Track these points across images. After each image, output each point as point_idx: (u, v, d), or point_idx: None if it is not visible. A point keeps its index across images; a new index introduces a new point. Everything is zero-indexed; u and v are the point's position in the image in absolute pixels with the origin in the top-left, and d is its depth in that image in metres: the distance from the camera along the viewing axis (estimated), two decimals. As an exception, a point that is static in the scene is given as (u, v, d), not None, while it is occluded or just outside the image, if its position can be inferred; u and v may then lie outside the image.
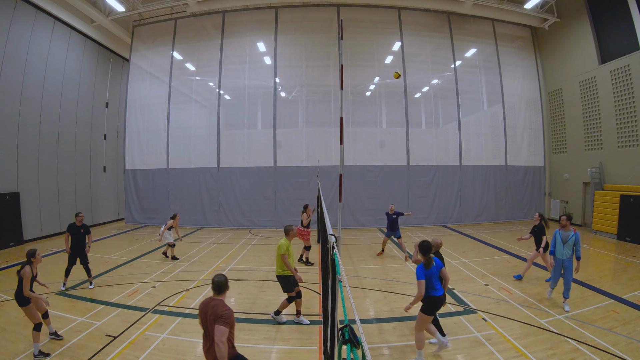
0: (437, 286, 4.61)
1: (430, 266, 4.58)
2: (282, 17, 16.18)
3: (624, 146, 13.16)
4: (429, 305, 4.60)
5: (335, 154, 15.33)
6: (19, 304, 4.85)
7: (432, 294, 4.58)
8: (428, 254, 4.61)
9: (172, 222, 9.89)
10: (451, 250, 10.87)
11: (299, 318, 5.94)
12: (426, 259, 4.59)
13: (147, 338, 5.32)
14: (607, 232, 12.91)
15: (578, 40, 15.08)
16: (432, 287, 4.58)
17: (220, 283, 3.62)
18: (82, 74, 15.71)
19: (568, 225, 6.24)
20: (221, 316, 3.32)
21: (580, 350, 4.83)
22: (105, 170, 17.54)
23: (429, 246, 4.65)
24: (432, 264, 4.61)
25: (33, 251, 5.09)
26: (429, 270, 4.56)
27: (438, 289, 4.60)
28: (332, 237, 3.21)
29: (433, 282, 4.59)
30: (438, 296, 4.60)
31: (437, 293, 4.60)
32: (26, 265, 4.91)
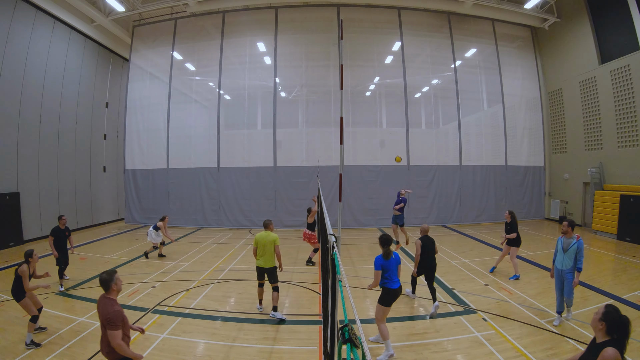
0: (395, 279, 4.85)
1: (389, 258, 4.84)
2: (282, 17, 16.18)
3: (624, 146, 13.16)
4: (385, 297, 4.84)
5: (335, 154, 15.33)
6: (15, 299, 5.25)
7: (388, 286, 4.82)
8: (387, 247, 4.88)
9: (162, 223, 9.98)
10: (451, 250, 10.87)
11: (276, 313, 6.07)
12: (385, 250, 4.86)
13: (147, 338, 5.32)
14: (607, 232, 12.90)
15: (578, 40, 15.08)
16: (389, 279, 4.82)
17: (103, 280, 3.43)
18: (82, 74, 15.71)
19: (570, 232, 5.62)
20: (109, 319, 3.23)
21: (580, 350, 4.82)
22: (105, 170, 17.54)
23: (388, 239, 4.95)
24: (390, 255, 4.86)
25: (30, 251, 5.50)
26: (387, 262, 4.81)
27: (395, 281, 4.84)
28: (332, 237, 3.21)
29: (390, 275, 4.83)
30: (394, 289, 4.83)
31: (394, 285, 4.83)
32: (24, 264, 5.31)
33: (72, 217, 15.04)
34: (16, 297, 5.21)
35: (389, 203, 15.45)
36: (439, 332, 5.50)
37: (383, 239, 4.97)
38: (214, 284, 7.98)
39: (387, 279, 4.83)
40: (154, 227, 10.06)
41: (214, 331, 5.62)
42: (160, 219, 10.17)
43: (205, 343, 5.26)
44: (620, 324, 2.63)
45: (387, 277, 4.83)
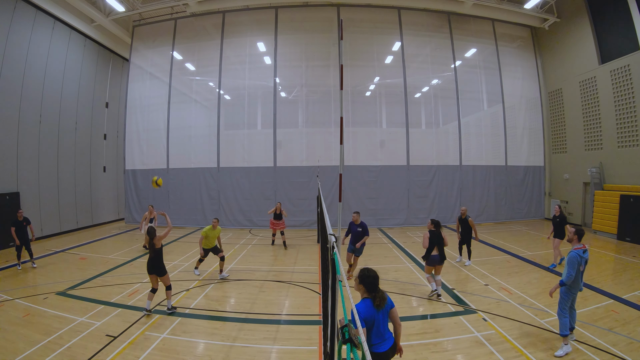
0: (385, 335, 3.18)
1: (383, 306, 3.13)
2: (282, 17, 16.18)
3: (624, 146, 13.16)
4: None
5: (335, 154, 15.33)
6: (160, 274, 6.23)
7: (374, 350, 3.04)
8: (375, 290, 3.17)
9: (147, 213, 10.64)
10: (451, 250, 10.86)
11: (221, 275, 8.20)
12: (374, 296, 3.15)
13: (147, 338, 5.32)
14: (607, 232, 12.91)
15: (578, 40, 15.08)
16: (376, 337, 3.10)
17: None
18: (82, 74, 15.71)
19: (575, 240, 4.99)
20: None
21: (580, 350, 4.83)
22: (105, 170, 17.54)
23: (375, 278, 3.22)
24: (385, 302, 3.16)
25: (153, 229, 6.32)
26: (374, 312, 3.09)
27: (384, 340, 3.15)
28: (332, 237, 3.21)
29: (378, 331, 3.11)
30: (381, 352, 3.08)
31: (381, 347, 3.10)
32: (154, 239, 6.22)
33: (72, 217, 15.05)
34: (160, 272, 6.20)
35: (389, 203, 15.54)
36: (439, 332, 5.50)
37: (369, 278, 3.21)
38: (214, 284, 7.98)
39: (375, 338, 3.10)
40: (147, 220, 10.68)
41: (214, 331, 5.62)
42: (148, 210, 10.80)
43: (205, 343, 5.26)
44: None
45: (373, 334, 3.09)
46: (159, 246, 6.20)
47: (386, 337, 3.18)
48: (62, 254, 10.89)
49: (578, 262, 4.74)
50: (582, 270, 4.83)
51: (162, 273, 6.23)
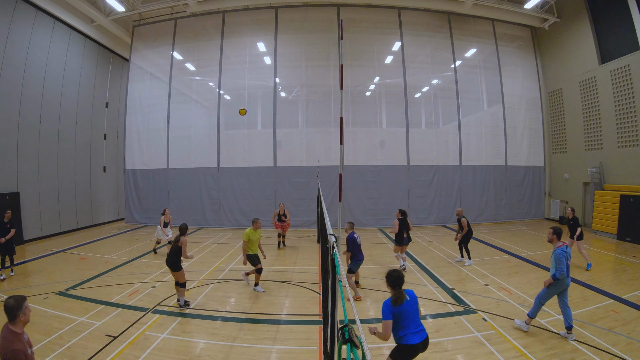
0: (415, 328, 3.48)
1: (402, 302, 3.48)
2: (282, 17, 16.18)
3: (624, 146, 13.16)
4: (399, 354, 3.52)
5: (335, 154, 15.33)
6: (174, 269, 6.33)
7: (405, 341, 3.42)
8: (398, 288, 3.53)
9: (163, 217, 10.36)
10: (451, 250, 10.87)
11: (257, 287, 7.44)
12: (395, 293, 3.52)
13: (147, 338, 5.33)
14: (607, 232, 12.91)
15: (578, 40, 15.08)
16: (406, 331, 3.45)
17: (10, 307, 2.78)
18: (82, 74, 15.72)
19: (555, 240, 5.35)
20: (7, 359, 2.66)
21: (580, 350, 4.83)
22: (105, 170, 17.54)
23: (400, 277, 3.56)
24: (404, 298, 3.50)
25: (185, 225, 6.63)
26: (400, 307, 3.47)
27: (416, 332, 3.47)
28: (332, 237, 3.21)
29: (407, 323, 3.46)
30: (413, 344, 3.41)
31: (413, 339, 3.42)
32: (182, 237, 6.35)
33: (72, 217, 15.05)
34: (174, 267, 6.30)
35: (389, 203, 15.52)
36: (439, 332, 5.49)
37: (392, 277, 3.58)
38: (214, 284, 7.98)
39: (404, 331, 3.46)
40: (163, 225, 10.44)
41: (214, 331, 5.62)
42: (162, 214, 10.48)
43: (205, 343, 5.26)
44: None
45: (403, 326, 3.46)
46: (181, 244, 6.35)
47: (413, 329, 3.47)
48: (62, 254, 10.90)
49: (565, 257, 5.07)
50: (569, 265, 5.15)
51: (175, 269, 6.34)
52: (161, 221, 10.38)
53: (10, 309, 2.76)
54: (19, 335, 2.77)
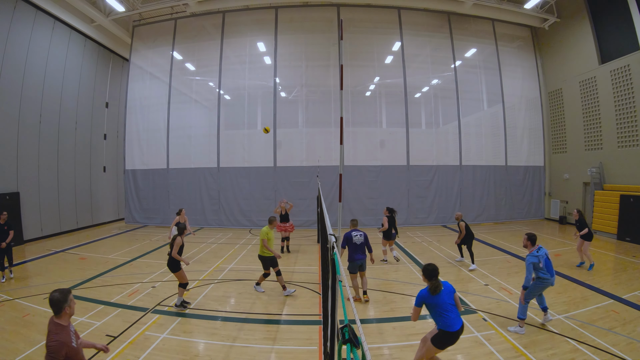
0: (452, 314, 3.86)
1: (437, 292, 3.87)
2: (282, 17, 16.18)
3: (624, 146, 13.16)
4: (440, 339, 3.92)
5: (335, 154, 15.33)
6: (172, 270, 6.30)
7: (445, 328, 3.84)
8: (434, 279, 3.92)
9: (178, 217, 9.87)
10: (451, 250, 10.87)
11: (286, 291, 7.13)
12: (432, 284, 3.90)
13: (147, 338, 5.32)
14: (607, 232, 12.90)
15: (578, 40, 15.08)
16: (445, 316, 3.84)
17: (55, 300, 2.81)
18: (82, 74, 15.72)
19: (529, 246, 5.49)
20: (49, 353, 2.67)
21: (580, 350, 4.83)
22: (105, 170, 17.55)
23: (435, 270, 3.98)
24: (439, 289, 3.88)
25: (184, 225, 6.53)
26: (435, 297, 3.87)
27: (453, 317, 3.85)
28: (332, 237, 3.21)
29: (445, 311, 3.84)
30: (453, 332, 3.82)
31: (453, 326, 3.82)
32: (179, 236, 6.26)
33: (72, 217, 15.06)
34: (172, 268, 6.29)
35: (389, 203, 15.39)
36: (439, 332, 5.49)
37: (428, 270, 3.99)
38: (214, 284, 7.98)
39: (443, 316, 3.84)
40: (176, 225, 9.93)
41: (214, 331, 5.62)
42: (177, 213, 9.99)
43: (205, 343, 5.26)
44: None
45: (441, 314, 3.86)
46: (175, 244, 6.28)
47: (452, 315, 3.85)
48: (62, 254, 10.90)
49: (534, 264, 5.31)
50: (544, 265, 5.37)
51: (173, 269, 6.32)
52: (176, 221, 9.80)
53: (56, 302, 2.80)
54: (65, 328, 2.82)
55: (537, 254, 5.35)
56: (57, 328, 2.78)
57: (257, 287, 7.44)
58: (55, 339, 2.71)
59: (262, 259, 7.16)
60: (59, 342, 2.71)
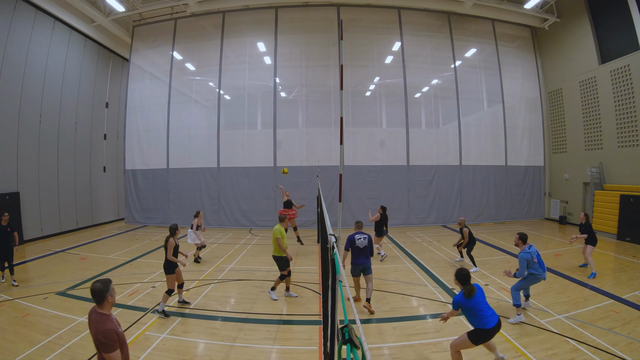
0: (487, 312, 4.09)
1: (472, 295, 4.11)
2: (282, 17, 16.18)
3: (624, 146, 13.16)
4: (477, 336, 4.10)
5: (335, 154, 15.33)
6: (165, 272, 6.15)
7: (481, 326, 4.06)
8: (467, 284, 4.17)
9: (196, 220, 9.67)
10: (451, 250, 10.87)
11: (288, 292, 7.02)
12: (466, 289, 4.16)
13: (147, 338, 5.32)
14: (607, 232, 12.90)
15: (578, 40, 15.08)
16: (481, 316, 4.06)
17: (97, 290, 2.91)
18: (82, 74, 15.72)
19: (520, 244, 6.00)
20: (102, 342, 2.76)
21: (580, 350, 4.83)
22: (105, 170, 17.55)
23: (468, 275, 4.26)
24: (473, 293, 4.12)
25: (175, 225, 6.33)
26: (470, 301, 4.12)
27: (489, 315, 4.07)
28: (332, 237, 3.21)
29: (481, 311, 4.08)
30: (489, 328, 4.03)
31: (489, 323, 4.03)
32: (171, 238, 6.12)
33: (72, 217, 15.06)
34: (166, 270, 6.12)
35: (389, 203, 15.40)
36: (439, 332, 5.50)
37: (461, 275, 4.25)
38: (214, 284, 7.98)
39: (479, 316, 4.06)
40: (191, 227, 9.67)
41: (214, 331, 5.62)
42: (195, 215, 9.77)
43: (205, 343, 5.26)
44: None
45: (477, 315, 4.08)
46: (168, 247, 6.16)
47: (487, 314, 4.08)
48: (62, 254, 10.90)
49: (527, 259, 5.80)
50: (537, 261, 5.89)
51: (166, 271, 6.18)
52: (194, 224, 9.64)
53: (98, 292, 2.89)
54: (108, 317, 2.92)
55: (529, 251, 5.87)
56: (102, 317, 2.88)
57: (271, 292, 6.96)
58: (104, 327, 2.81)
59: (278, 259, 6.77)
60: (109, 330, 2.81)
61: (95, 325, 2.85)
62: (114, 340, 2.80)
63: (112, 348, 2.77)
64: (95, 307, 2.95)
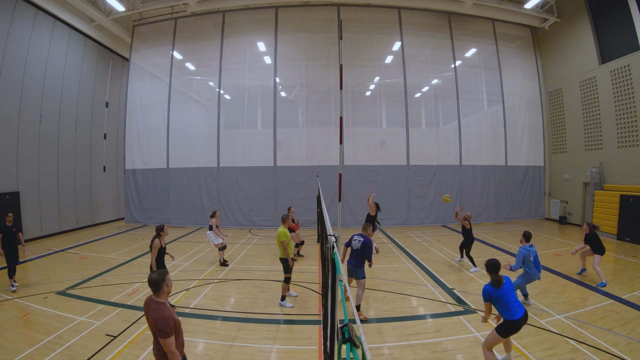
0: (515, 303, 4.15)
1: (500, 285, 4.15)
2: (282, 17, 16.18)
3: (624, 146, 13.16)
4: (505, 327, 4.16)
5: (335, 153, 15.32)
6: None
7: (509, 317, 4.11)
8: (496, 273, 4.23)
9: (214, 220, 9.45)
10: (451, 250, 10.88)
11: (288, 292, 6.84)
12: (494, 278, 4.21)
13: (147, 337, 5.31)
14: (607, 232, 12.88)
15: (578, 40, 15.08)
16: (509, 308, 4.11)
17: (154, 280, 3.15)
18: (82, 73, 15.71)
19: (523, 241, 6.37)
20: (160, 328, 2.97)
21: (580, 350, 4.83)
22: (105, 170, 17.54)
23: (497, 264, 4.30)
24: (502, 282, 4.17)
25: (162, 226, 6.07)
26: (499, 290, 4.16)
27: (516, 306, 4.12)
28: (332, 237, 3.21)
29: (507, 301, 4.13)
30: (517, 319, 4.09)
31: (517, 314, 4.09)
32: (156, 239, 5.89)
33: (72, 217, 15.06)
34: None
35: (389, 203, 15.50)
36: (439, 332, 5.50)
37: (491, 265, 4.32)
38: (214, 283, 7.98)
39: (507, 307, 4.13)
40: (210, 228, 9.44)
41: (213, 331, 5.62)
42: (211, 216, 9.55)
43: (205, 343, 5.26)
44: None
45: (504, 305, 4.14)
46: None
47: (515, 305, 4.12)
48: (62, 254, 10.90)
49: (525, 255, 6.04)
50: (533, 260, 6.09)
51: None
52: (213, 224, 9.40)
53: (155, 282, 3.13)
54: (165, 305, 3.12)
55: (529, 249, 6.12)
56: (159, 305, 3.09)
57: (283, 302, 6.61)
58: (162, 315, 3.01)
59: (285, 261, 6.51)
60: (167, 317, 3.02)
61: (153, 313, 3.04)
62: (171, 327, 3.00)
63: (168, 334, 2.97)
64: (152, 296, 3.16)
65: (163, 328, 2.96)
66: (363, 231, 6.43)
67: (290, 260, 6.43)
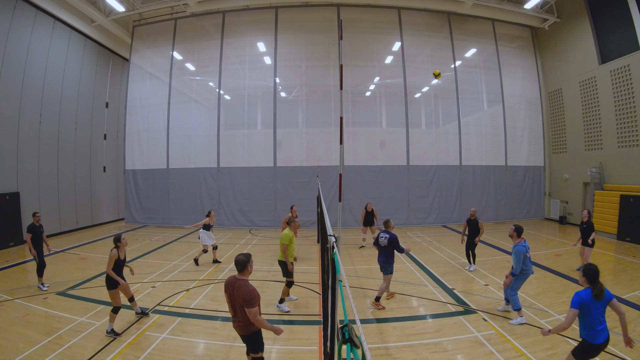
0: (600, 326, 3.48)
1: (601, 297, 3.47)
2: (282, 17, 16.18)
3: (624, 146, 13.16)
4: (583, 351, 3.60)
5: (335, 154, 15.33)
6: (107, 287, 5.57)
7: (590, 339, 3.50)
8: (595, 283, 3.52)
9: (208, 219, 9.50)
10: (451, 250, 10.87)
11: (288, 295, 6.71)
12: (595, 287, 3.50)
13: (147, 338, 5.32)
14: (607, 232, 12.90)
15: (578, 40, 15.08)
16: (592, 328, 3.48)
17: (240, 261, 3.72)
18: (82, 74, 15.71)
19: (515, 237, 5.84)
20: (247, 300, 3.53)
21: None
22: (105, 170, 17.54)
23: (597, 271, 3.55)
24: (602, 295, 3.47)
25: (119, 235, 5.84)
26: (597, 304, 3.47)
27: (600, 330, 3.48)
28: (332, 237, 3.21)
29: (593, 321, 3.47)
30: (598, 344, 3.48)
31: (599, 338, 3.47)
32: (113, 249, 5.77)
33: (72, 217, 15.05)
34: (108, 285, 5.55)
35: (389, 203, 15.52)
36: (439, 332, 5.50)
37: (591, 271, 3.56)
38: (214, 284, 7.98)
39: (592, 327, 3.48)
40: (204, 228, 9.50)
41: (214, 331, 5.62)
42: (207, 215, 9.60)
43: (205, 343, 5.26)
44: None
45: (591, 323, 3.49)
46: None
47: (601, 327, 3.50)
48: (62, 254, 10.90)
49: (524, 253, 5.63)
50: (529, 257, 5.80)
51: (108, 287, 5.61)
52: (204, 223, 9.50)
53: (241, 262, 3.70)
54: (248, 282, 3.69)
55: (525, 245, 5.75)
56: (244, 282, 3.65)
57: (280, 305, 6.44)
58: (248, 289, 3.58)
59: (283, 264, 6.39)
60: (252, 290, 3.59)
61: (240, 288, 3.60)
62: (256, 297, 3.58)
63: (255, 304, 3.55)
64: (237, 275, 3.72)
65: (250, 299, 3.52)
66: (386, 228, 6.75)
67: (289, 264, 6.29)
